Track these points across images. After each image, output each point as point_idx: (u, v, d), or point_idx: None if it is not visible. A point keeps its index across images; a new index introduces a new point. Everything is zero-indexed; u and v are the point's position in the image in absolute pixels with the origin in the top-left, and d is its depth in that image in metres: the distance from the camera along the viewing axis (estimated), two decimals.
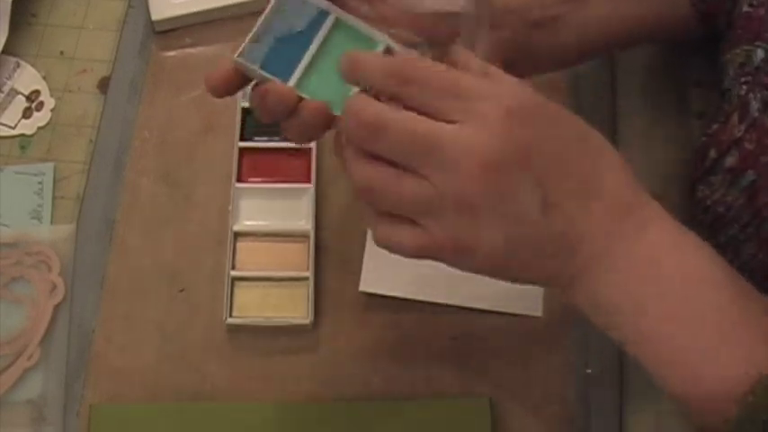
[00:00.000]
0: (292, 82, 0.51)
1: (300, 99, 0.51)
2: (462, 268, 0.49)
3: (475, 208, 0.46)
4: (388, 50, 0.52)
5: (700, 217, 0.62)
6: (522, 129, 0.46)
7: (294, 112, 0.50)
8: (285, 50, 0.52)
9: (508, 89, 0.48)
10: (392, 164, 0.47)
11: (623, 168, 0.49)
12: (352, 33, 0.52)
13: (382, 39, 0.52)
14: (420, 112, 0.46)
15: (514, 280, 0.50)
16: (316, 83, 0.52)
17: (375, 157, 0.47)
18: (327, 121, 0.50)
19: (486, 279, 0.67)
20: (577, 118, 0.50)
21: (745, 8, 0.59)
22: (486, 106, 0.46)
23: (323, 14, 0.53)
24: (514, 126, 0.46)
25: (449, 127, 0.46)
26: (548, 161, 0.47)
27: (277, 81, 0.51)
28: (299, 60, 0.52)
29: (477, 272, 0.50)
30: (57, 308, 0.66)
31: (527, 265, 0.49)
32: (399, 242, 0.48)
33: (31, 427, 0.62)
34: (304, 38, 0.52)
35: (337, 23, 0.52)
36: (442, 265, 0.67)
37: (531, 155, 0.47)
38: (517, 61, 0.57)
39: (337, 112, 0.50)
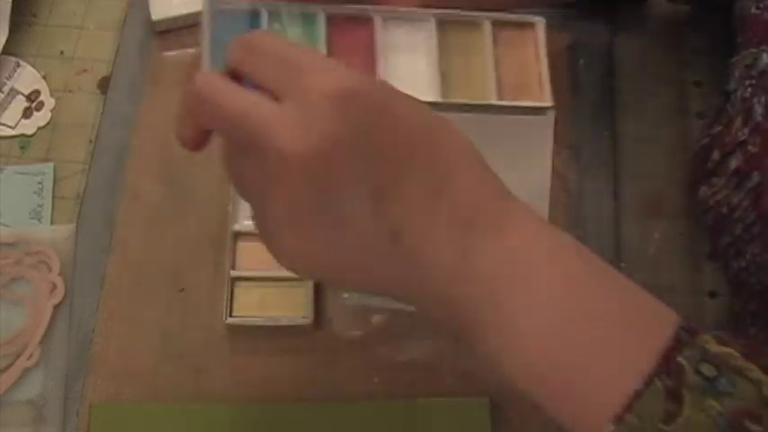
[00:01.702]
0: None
1: None
2: (278, 260, 0.44)
3: (291, 203, 0.41)
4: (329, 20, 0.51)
5: (701, 217, 0.62)
6: (353, 113, 0.41)
7: None
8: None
9: (346, 69, 0.42)
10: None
11: (479, 164, 0.44)
12: (289, 19, 0.51)
13: (318, 10, 0.51)
14: (261, 85, 0.42)
15: (336, 284, 0.46)
16: None
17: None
18: None
19: None
20: (425, 107, 0.44)
21: (753, 10, 0.59)
22: (313, 80, 0.41)
23: (255, 17, 0.51)
24: (345, 110, 0.40)
25: (268, 105, 0.41)
26: (382, 151, 0.42)
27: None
28: None
29: (287, 267, 0.44)
30: (57, 308, 0.66)
31: (356, 269, 0.43)
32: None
33: (31, 426, 0.62)
34: None
35: (272, 17, 0.51)
36: None
37: (359, 143, 0.41)
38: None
39: None
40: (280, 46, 0.43)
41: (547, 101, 0.54)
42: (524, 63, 0.55)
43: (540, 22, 0.55)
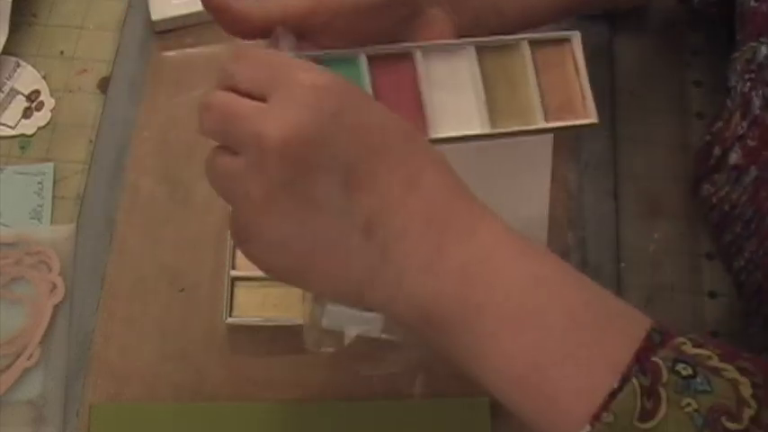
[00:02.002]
0: None
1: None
2: (251, 258, 0.46)
3: (268, 186, 0.43)
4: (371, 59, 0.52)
5: (707, 216, 0.62)
6: (328, 102, 0.43)
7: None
8: None
9: (320, 71, 0.45)
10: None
11: (447, 167, 0.46)
12: (331, 65, 0.51)
13: (358, 53, 0.52)
14: (251, 90, 0.45)
15: (309, 284, 0.46)
16: None
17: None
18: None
19: None
20: (395, 115, 0.46)
21: (752, 3, 0.59)
22: (294, 76, 0.44)
23: None
24: (321, 99, 0.43)
25: (254, 103, 0.44)
26: (356, 136, 0.44)
27: None
28: None
29: (263, 265, 0.46)
30: (57, 308, 0.66)
31: (328, 262, 0.44)
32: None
33: (31, 427, 0.62)
34: None
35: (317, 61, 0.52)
36: None
37: (337, 131, 0.43)
38: (464, 26, 0.56)
39: None
40: (264, 53, 0.47)
41: (592, 117, 0.55)
42: (565, 79, 0.55)
43: (575, 36, 0.55)
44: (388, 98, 0.52)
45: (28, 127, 0.73)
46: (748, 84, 0.58)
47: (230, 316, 0.65)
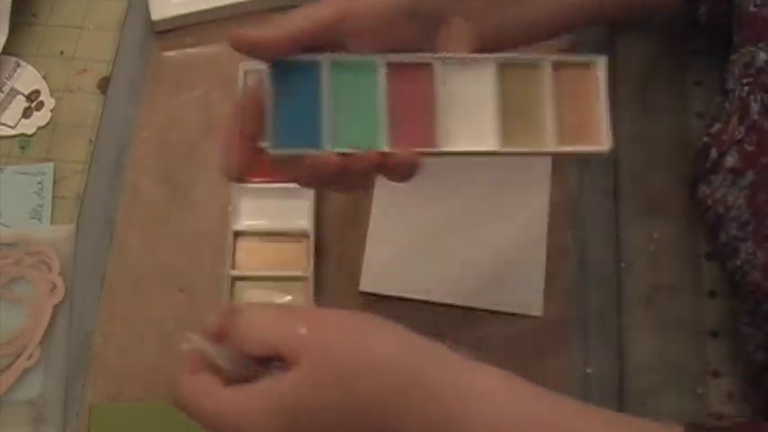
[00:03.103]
0: (328, 145, 0.51)
1: (344, 155, 0.51)
2: None
3: None
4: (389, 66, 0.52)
5: (703, 216, 0.62)
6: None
7: (343, 172, 0.51)
8: (300, 118, 0.52)
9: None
10: None
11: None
12: (350, 68, 0.52)
13: (378, 59, 0.52)
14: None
15: None
16: (347, 132, 0.52)
17: None
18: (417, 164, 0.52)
19: (486, 279, 0.67)
20: (399, 364, 0.48)
21: (751, 8, 0.59)
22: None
23: (312, 67, 0.52)
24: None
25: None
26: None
27: (315, 152, 0.51)
28: (318, 120, 0.52)
29: None
30: (57, 308, 0.66)
31: None
32: None
33: (31, 427, 0.62)
34: (309, 97, 0.52)
35: (333, 66, 0.52)
36: (442, 265, 0.68)
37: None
38: (488, 36, 0.57)
39: (382, 147, 0.51)
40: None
41: (605, 144, 0.54)
42: (584, 104, 0.55)
43: (601, 61, 0.55)
44: (401, 106, 0.52)
45: (28, 127, 0.73)
46: (746, 88, 0.58)
47: None
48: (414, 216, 0.69)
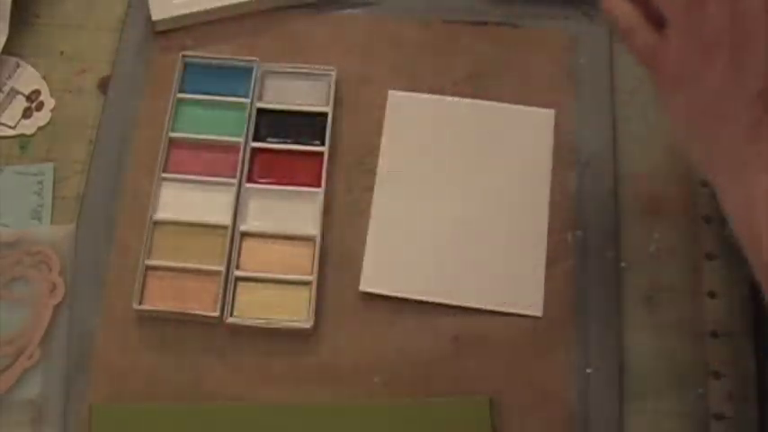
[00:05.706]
0: None
1: None
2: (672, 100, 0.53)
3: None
4: None
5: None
6: None
7: None
8: None
9: None
10: None
11: None
12: None
13: None
14: None
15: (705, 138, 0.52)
16: None
17: None
18: None
19: (486, 279, 0.67)
20: None
21: None
22: None
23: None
24: None
25: None
26: None
27: None
28: None
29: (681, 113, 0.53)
30: (57, 308, 0.66)
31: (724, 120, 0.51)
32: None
33: (31, 427, 0.62)
34: None
35: None
36: (442, 265, 0.68)
37: None
38: None
39: None
40: None
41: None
42: None
43: None
44: None
45: (28, 127, 0.73)
46: None
47: (231, 316, 0.65)
48: (414, 216, 0.69)
